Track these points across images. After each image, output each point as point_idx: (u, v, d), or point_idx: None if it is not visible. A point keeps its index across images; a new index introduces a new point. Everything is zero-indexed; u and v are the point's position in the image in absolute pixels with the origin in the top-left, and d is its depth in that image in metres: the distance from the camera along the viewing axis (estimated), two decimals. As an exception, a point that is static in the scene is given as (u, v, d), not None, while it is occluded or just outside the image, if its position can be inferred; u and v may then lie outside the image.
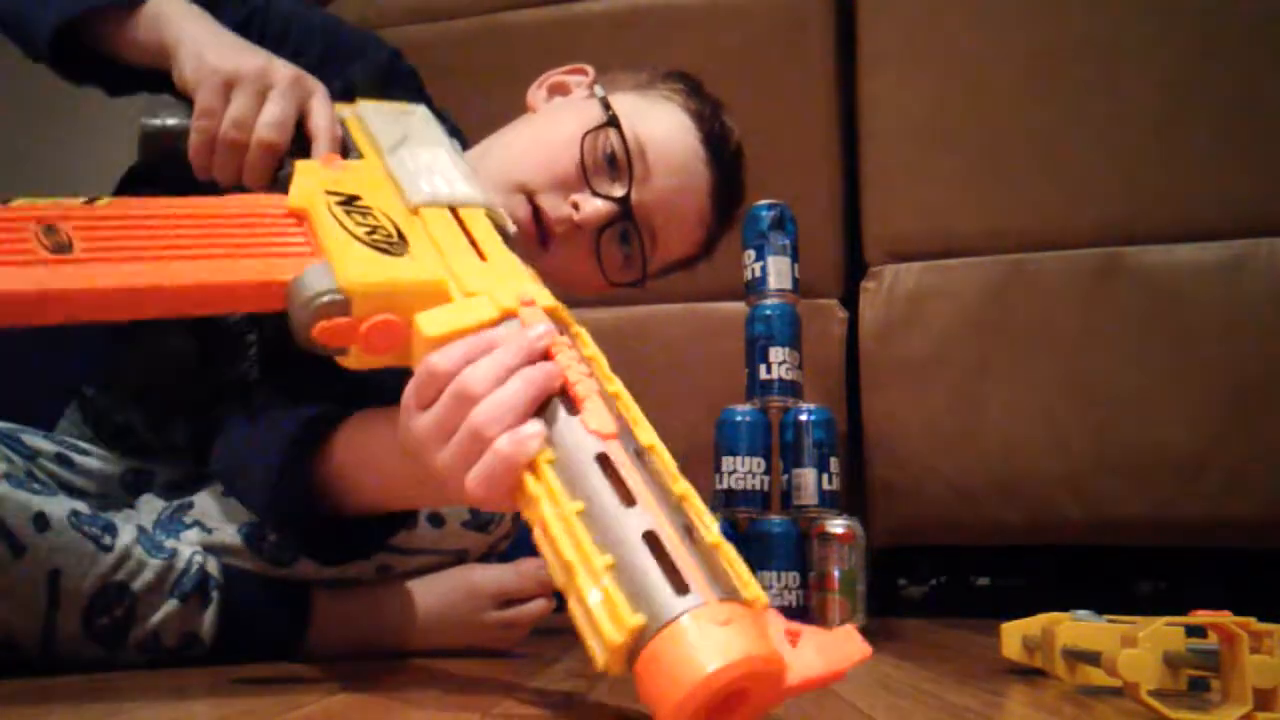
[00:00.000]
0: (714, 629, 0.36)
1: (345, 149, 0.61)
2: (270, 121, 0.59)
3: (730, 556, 0.40)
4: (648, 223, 0.73)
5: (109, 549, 0.62)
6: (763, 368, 1.12)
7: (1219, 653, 0.50)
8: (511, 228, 0.57)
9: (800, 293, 1.16)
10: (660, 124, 0.75)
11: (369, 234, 0.51)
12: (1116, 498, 1.17)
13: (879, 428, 1.26)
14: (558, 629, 0.98)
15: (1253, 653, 0.48)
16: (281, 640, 0.68)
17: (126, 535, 0.64)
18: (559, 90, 0.81)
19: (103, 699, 0.52)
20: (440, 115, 0.79)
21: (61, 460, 0.73)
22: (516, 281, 0.50)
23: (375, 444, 0.56)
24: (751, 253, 1.14)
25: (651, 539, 0.39)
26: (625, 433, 0.43)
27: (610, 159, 0.72)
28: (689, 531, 0.40)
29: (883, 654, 0.81)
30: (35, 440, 0.72)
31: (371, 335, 0.48)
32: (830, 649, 0.39)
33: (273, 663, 0.66)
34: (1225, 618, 0.49)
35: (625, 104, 0.74)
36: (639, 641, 0.37)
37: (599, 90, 0.76)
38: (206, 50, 0.61)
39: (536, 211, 0.71)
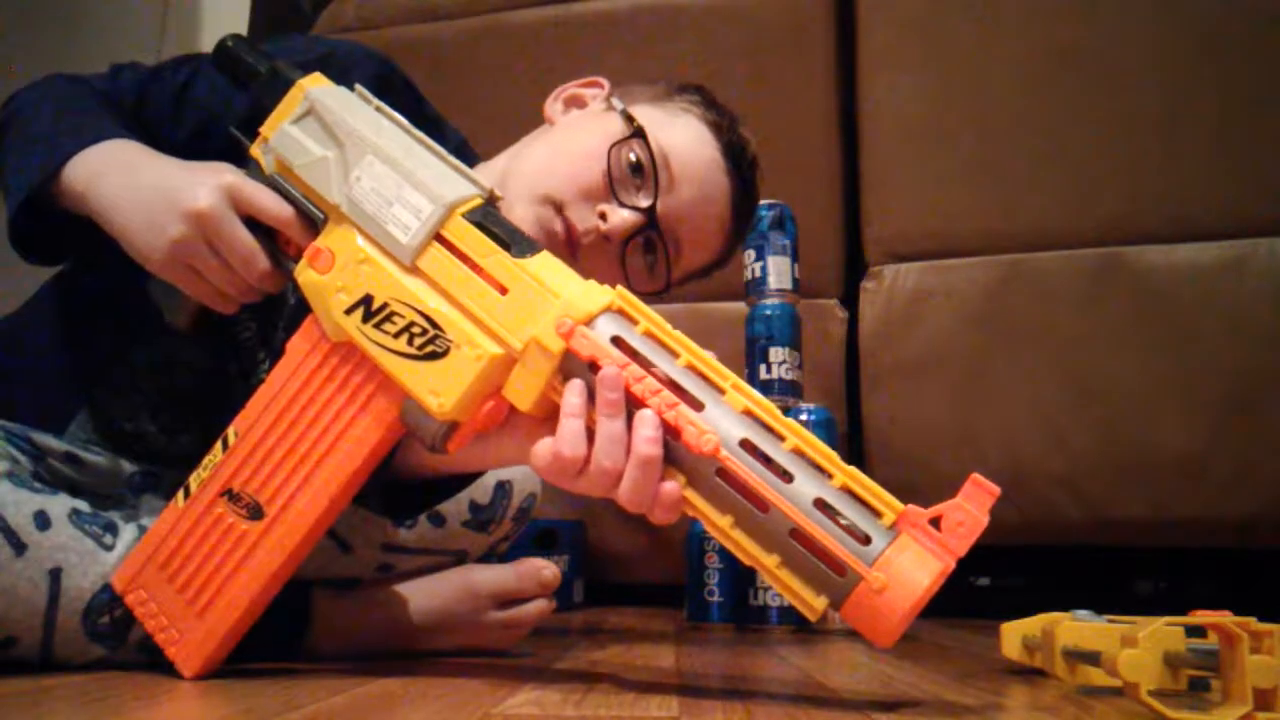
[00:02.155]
0: (905, 559, 0.47)
1: (298, 206, 0.60)
2: (244, 261, 0.59)
3: (860, 480, 0.49)
4: (672, 232, 0.74)
5: (110, 548, 0.62)
6: (763, 368, 1.12)
7: (1219, 653, 0.50)
8: (496, 195, 0.58)
9: (800, 293, 1.16)
10: (681, 135, 0.75)
11: (410, 343, 0.55)
12: (1116, 498, 1.17)
13: (879, 428, 1.26)
14: (558, 629, 0.98)
15: (1253, 653, 0.48)
16: (282, 640, 0.68)
17: (128, 534, 0.64)
18: (575, 103, 0.81)
19: (103, 699, 0.52)
20: (439, 125, 0.79)
21: (70, 459, 0.73)
22: (547, 305, 0.53)
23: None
24: (751, 253, 1.14)
25: (822, 505, 0.48)
26: (729, 416, 0.50)
27: (635, 169, 0.72)
28: (828, 476, 0.49)
29: (883, 654, 0.81)
30: (44, 439, 0.72)
31: (484, 423, 0.56)
32: (967, 512, 0.47)
33: (273, 663, 0.66)
34: (1225, 618, 0.49)
35: (645, 116, 0.75)
36: (838, 597, 0.48)
37: (617, 103, 0.77)
38: (128, 235, 0.60)
39: (565, 224, 0.71)
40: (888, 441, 1.25)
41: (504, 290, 0.54)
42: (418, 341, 0.55)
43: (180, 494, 0.60)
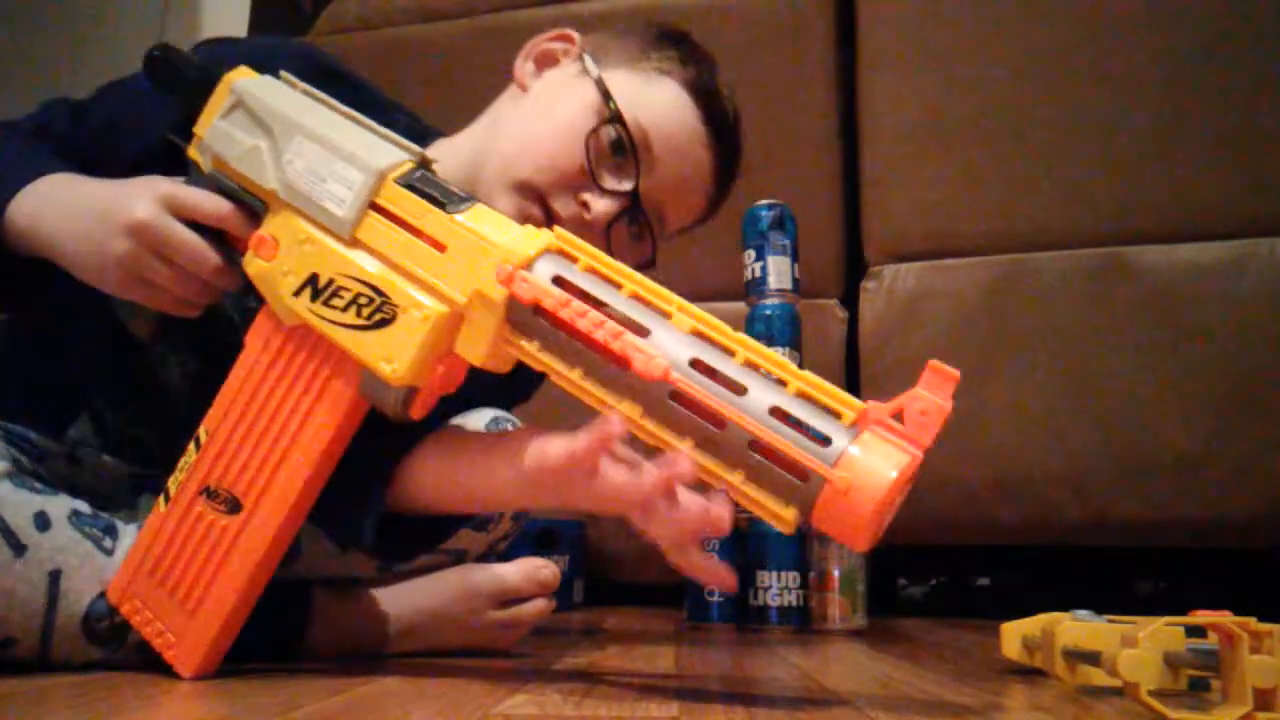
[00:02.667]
0: (868, 455, 0.46)
1: (238, 199, 0.60)
2: (194, 261, 0.59)
3: (816, 383, 0.48)
4: (656, 208, 0.74)
5: (110, 552, 0.62)
6: (763, 368, 1.12)
7: (1219, 653, 0.50)
8: (429, 157, 0.58)
9: (800, 293, 1.16)
10: (660, 107, 0.74)
11: (359, 314, 0.55)
12: (1116, 498, 1.17)
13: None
14: (558, 629, 0.98)
15: (1253, 653, 0.48)
16: (281, 639, 0.68)
17: (128, 538, 0.63)
18: (547, 61, 0.79)
19: (103, 699, 0.52)
20: (385, 107, 0.76)
21: (70, 460, 0.73)
22: (485, 255, 0.53)
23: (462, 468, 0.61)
24: (751, 253, 1.14)
25: (779, 413, 0.47)
26: (677, 338, 0.49)
27: (615, 147, 0.72)
28: (783, 384, 0.48)
29: (883, 654, 0.81)
30: (44, 441, 0.72)
31: (442, 384, 0.56)
32: (928, 400, 0.47)
33: (273, 662, 0.65)
34: (1225, 618, 0.49)
35: (621, 84, 0.73)
36: (806, 504, 0.46)
37: (591, 66, 0.75)
38: (77, 263, 0.61)
39: (547, 212, 0.71)
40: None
41: (443, 248, 0.54)
42: (365, 312, 0.55)
43: (161, 499, 0.60)
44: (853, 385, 1.30)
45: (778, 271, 1.13)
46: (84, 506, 0.64)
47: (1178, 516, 1.15)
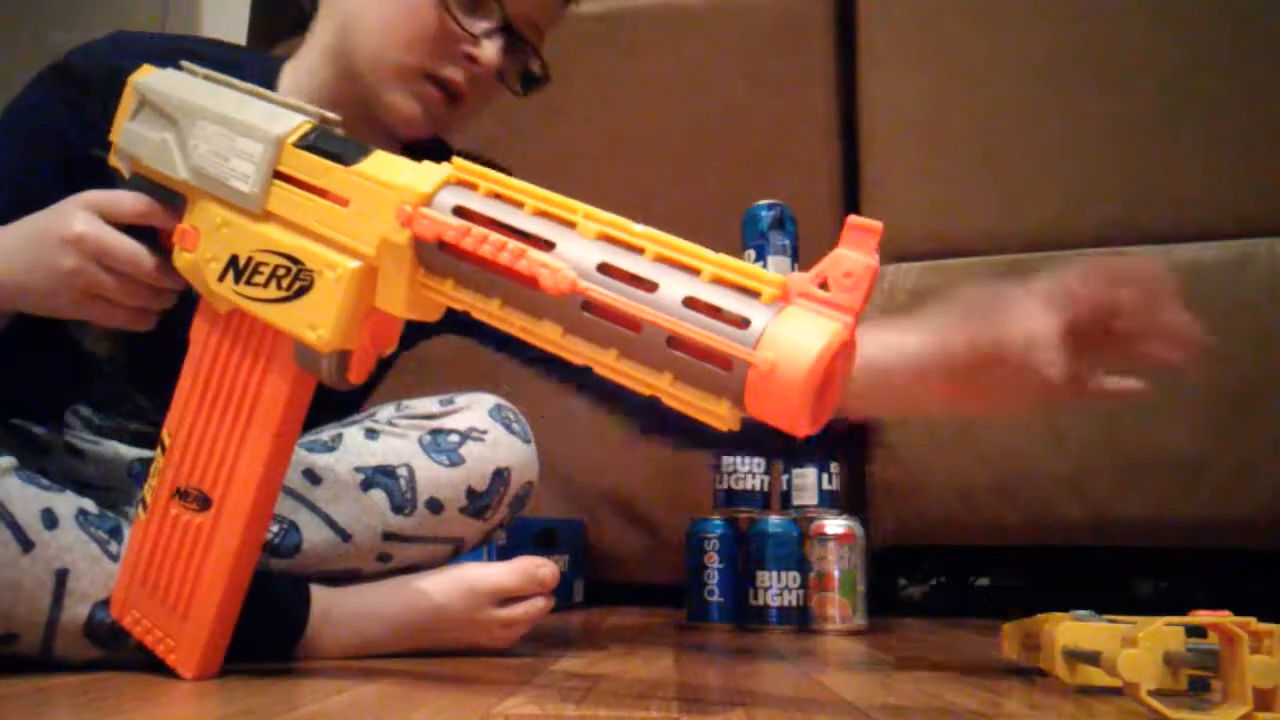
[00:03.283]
0: (790, 330, 0.42)
1: (159, 197, 0.60)
2: (132, 263, 0.58)
3: (733, 265, 0.44)
4: (528, 24, 0.73)
5: (115, 557, 0.62)
6: (763, 368, 1.12)
7: (1219, 653, 0.50)
8: (330, 116, 0.57)
9: (800, 293, 1.15)
10: None
11: (280, 287, 0.55)
12: (1116, 498, 1.17)
13: (879, 428, 1.26)
14: (558, 629, 0.98)
15: (1252, 653, 0.48)
16: (281, 635, 0.68)
17: (131, 541, 0.64)
18: None
19: (103, 699, 0.52)
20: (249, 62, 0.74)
21: (71, 451, 0.73)
22: (385, 200, 0.51)
23: None
24: (751, 253, 1.14)
25: (693, 302, 0.44)
26: (583, 246, 0.46)
27: None
28: (696, 273, 0.45)
29: (883, 654, 0.81)
30: (45, 434, 0.72)
31: (375, 342, 0.55)
32: (851, 260, 0.43)
33: (272, 661, 0.66)
34: (1225, 618, 0.49)
35: None
36: (735, 394, 0.43)
37: None
38: (27, 293, 0.60)
39: (442, 86, 0.70)
40: (888, 442, 1.25)
41: (346, 202, 0.53)
42: (285, 283, 0.54)
43: (140, 509, 0.60)
44: (853, 385, 1.29)
45: (778, 271, 1.13)
46: (90, 505, 0.64)
47: (1178, 516, 1.15)
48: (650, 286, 0.45)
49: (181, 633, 0.58)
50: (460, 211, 0.50)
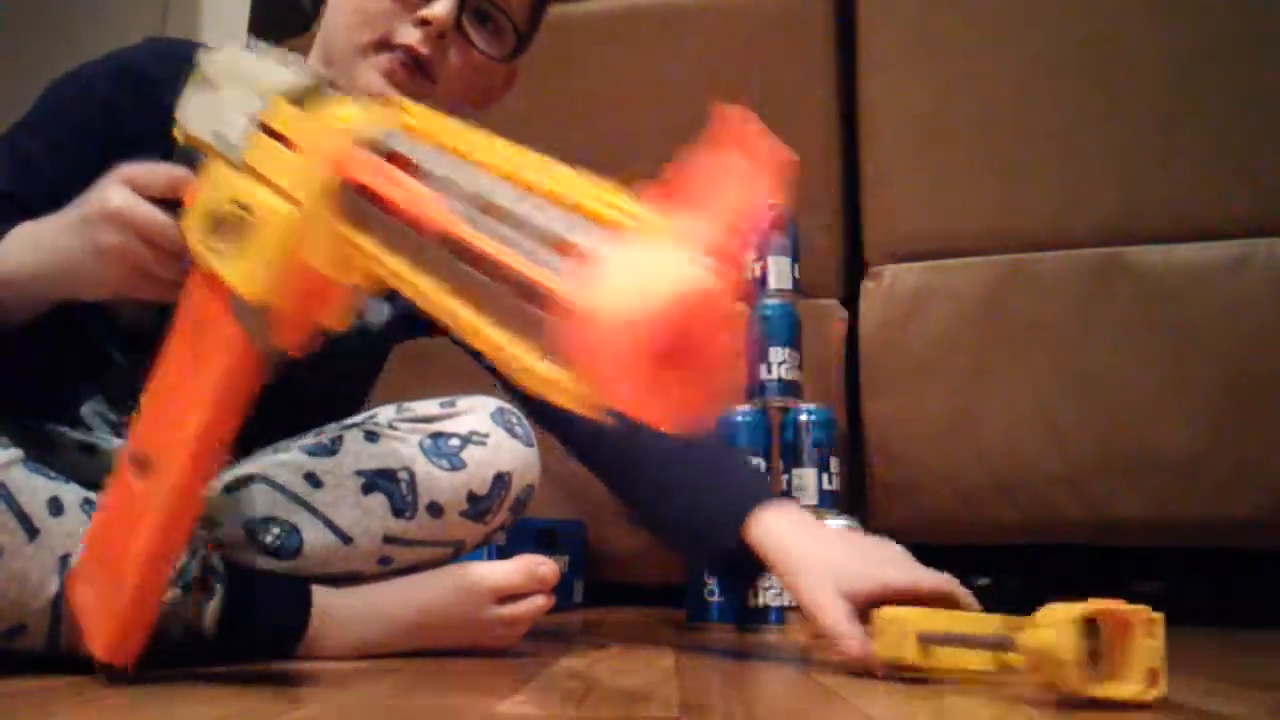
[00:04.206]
0: (638, 271, 0.34)
1: (191, 162, 0.58)
2: (163, 235, 0.57)
3: (602, 197, 0.38)
4: None
5: None
6: (763, 368, 1.12)
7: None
8: (322, 74, 0.56)
9: (800, 293, 1.16)
10: None
11: (234, 236, 0.51)
12: (1116, 498, 1.17)
13: (879, 428, 1.26)
14: (558, 629, 0.98)
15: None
16: (282, 634, 0.69)
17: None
18: None
19: (103, 698, 0.52)
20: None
21: (84, 449, 0.73)
22: (322, 141, 0.48)
23: None
24: (752, 253, 1.14)
25: (559, 244, 0.37)
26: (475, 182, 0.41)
27: None
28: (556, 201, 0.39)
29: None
30: (58, 433, 0.72)
31: (308, 302, 0.50)
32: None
33: (273, 661, 0.66)
34: (1120, 605, 0.54)
35: None
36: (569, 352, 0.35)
37: None
38: (71, 277, 0.60)
39: (406, 53, 0.71)
40: (888, 441, 1.25)
41: (295, 147, 0.51)
42: (238, 232, 0.52)
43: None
44: (853, 385, 1.30)
45: (778, 271, 1.13)
46: (96, 496, 0.64)
47: (1178, 516, 1.15)
48: (500, 215, 0.39)
49: (111, 607, 0.55)
50: (392, 158, 0.45)
